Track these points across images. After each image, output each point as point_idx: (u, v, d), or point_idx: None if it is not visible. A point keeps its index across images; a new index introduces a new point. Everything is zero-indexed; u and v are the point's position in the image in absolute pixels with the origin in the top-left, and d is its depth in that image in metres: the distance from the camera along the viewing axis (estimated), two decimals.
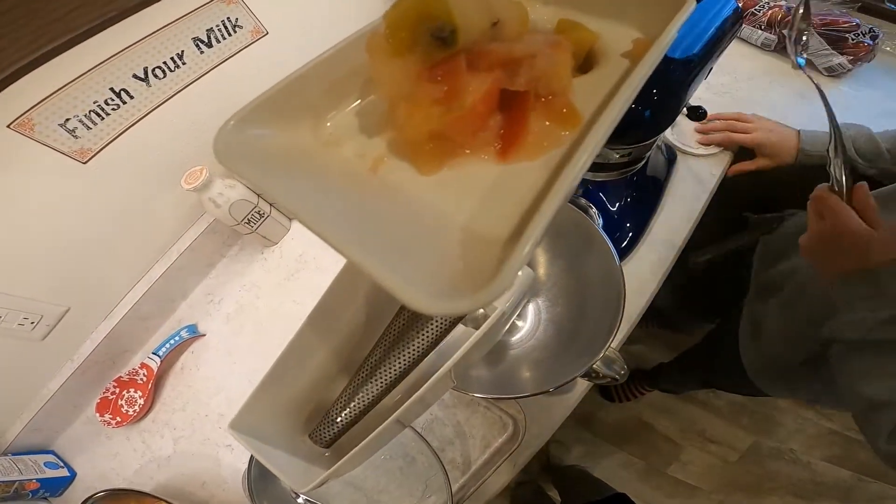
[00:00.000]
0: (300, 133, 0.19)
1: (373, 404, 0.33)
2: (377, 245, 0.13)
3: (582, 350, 0.48)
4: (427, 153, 0.17)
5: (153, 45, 0.58)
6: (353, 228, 0.14)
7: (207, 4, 0.60)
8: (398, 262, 0.13)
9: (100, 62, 0.54)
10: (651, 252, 0.69)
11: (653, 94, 0.42)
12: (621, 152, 0.47)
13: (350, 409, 0.32)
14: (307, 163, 0.18)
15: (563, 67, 0.17)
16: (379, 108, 0.20)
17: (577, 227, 0.54)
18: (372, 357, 0.33)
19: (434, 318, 0.32)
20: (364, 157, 0.18)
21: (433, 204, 0.16)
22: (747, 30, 0.93)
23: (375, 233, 0.15)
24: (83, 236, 0.63)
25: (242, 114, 0.17)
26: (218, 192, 0.65)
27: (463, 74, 0.16)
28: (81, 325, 0.67)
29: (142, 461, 0.66)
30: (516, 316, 0.62)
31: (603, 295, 0.52)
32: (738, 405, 1.37)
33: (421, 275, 0.12)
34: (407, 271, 0.12)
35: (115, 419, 0.66)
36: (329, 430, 0.32)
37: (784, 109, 0.84)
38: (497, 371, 0.56)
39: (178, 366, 0.72)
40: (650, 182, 0.71)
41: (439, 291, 0.11)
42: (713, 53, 0.46)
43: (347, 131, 0.20)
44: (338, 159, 0.18)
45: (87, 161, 0.59)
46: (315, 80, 0.20)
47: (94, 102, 0.56)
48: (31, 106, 0.51)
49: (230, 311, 0.76)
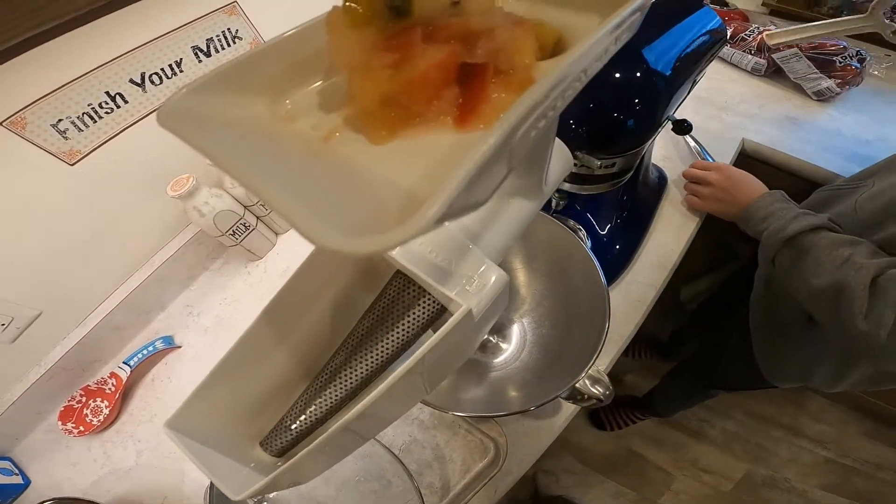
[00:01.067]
0: (256, 108, 0.18)
1: (332, 412, 0.31)
2: (301, 192, 0.13)
3: (566, 371, 0.47)
4: (378, 121, 0.16)
5: (152, 52, 0.59)
6: (281, 179, 0.13)
7: (210, 14, 0.61)
8: (315, 205, 0.12)
9: (99, 65, 0.55)
10: (641, 276, 0.68)
11: (635, 103, 0.42)
12: (605, 162, 0.48)
13: (307, 416, 0.30)
14: (256, 132, 0.17)
15: (525, 42, 0.17)
16: (341, 90, 0.20)
17: (564, 247, 0.54)
18: (333, 361, 0.32)
19: (401, 320, 0.31)
20: (318, 129, 0.18)
21: (380, 171, 0.15)
22: (738, 54, 0.95)
23: (306, 185, 0.14)
24: (62, 239, 0.62)
25: (196, 84, 0.17)
26: (203, 201, 0.65)
27: (417, 44, 0.16)
28: (53, 331, 0.65)
29: (101, 472, 0.63)
30: (497, 334, 0.61)
31: (588, 315, 0.51)
32: (730, 433, 1.34)
33: (335, 215, 0.12)
34: (321, 211, 0.11)
35: (77, 428, 0.63)
36: (282, 438, 0.30)
37: (774, 133, 0.85)
38: (480, 392, 0.54)
39: (149, 377, 0.70)
40: (641, 204, 0.71)
41: (347, 229, 0.10)
42: (696, 67, 0.47)
43: (306, 109, 0.19)
44: (290, 130, 0.18)
45: (74, 163, 0.59)
46: (276, 57, 0.19)
47: (88, 105, 0.57)
48: (26, 104, 0.52)
49: (209, 324, 0.74)
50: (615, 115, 0.43)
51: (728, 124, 0.87)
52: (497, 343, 0.61)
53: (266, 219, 0.79)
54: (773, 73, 0.93)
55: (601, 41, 0.16)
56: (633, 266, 0.69)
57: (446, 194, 0.10)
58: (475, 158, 0.11)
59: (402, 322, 0.31)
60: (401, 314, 0.30)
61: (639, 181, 0.67)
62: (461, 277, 0.27)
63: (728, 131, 0.86)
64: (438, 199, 0.10)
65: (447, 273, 0.26)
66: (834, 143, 0.82)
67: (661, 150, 0.83)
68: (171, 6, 0.58)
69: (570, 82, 0.15)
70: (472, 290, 0.26)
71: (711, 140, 0.83)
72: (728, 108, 0.91)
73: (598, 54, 0.17)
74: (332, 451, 0.28)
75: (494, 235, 0.30)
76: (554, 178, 0.33)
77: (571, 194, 0.62)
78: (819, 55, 0.84)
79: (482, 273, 0.27)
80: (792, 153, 0.81)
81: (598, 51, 0.16)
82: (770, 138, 0.84)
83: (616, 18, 0.16)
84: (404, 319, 0.30)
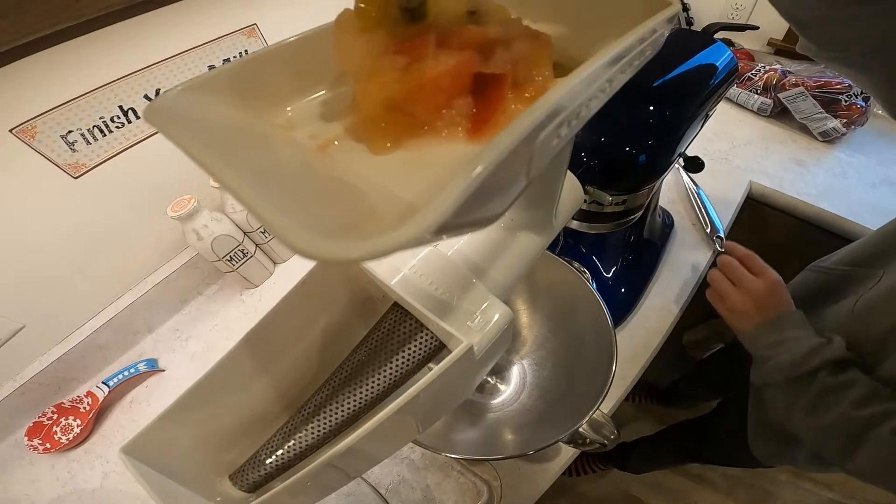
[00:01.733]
0: (253, 113, 0.17)
1: (312, 448, 0.28)
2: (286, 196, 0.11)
3: (568, 414, 0.44)
4: (381, 128, 0.15)
5: (170, 69, 0.59)
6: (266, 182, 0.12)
7: (230, 35, 0.63)
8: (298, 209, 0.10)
9: (116, 78, 0.56)
10: (646, 320, 0.66)
11: (648, 137, 0.42)
12: (615, 199, 0.46)
13: (284, 451, 0.27)
14: (249, 137, 0.16)
15: (543, 55, 0.16)
16: (344, 100, 0.19)
17: (569, 288, 0.53)
18: (318, 395, 0.29)
19: (396, 355, 0.29)
20: (316, 138, 0.16)
21: (379, 182, 0.14)
22: (744, 94, 0.96)
23: (292, 191, 0.12)
24: (56, 254, 0.61)
25: (193, 83, 0.15)
26: (202, 224, 0.64)
27: (430, 48, 0.15)
28: (33, 346, 0.63)
29: (62, 491, 0.59)
30: (496, 375, 0.58)
31: (593, 358, 0.49)
32: (733, 478, 1.27)
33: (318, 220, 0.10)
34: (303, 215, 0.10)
35: (43, 445, 0.59)
36: (254, 473, 0.27)
37: (780, 176, 0.85)
38: (475, 433, 0.52)
39: (127, 398, 0.67)
40: (647, 247, 0.70)
41: (329, 233, 0.09)
42: (709, 101, 0.47)
43: (306, 118, 0.18)
44: (286, 138, 0.17)
45: (78, 176, 0.58)
46: (279, 62, 0.19)
47: (100, 118, 0.57)
48: (38, 113, 0.52)
49: (196, 349, 0.71)
50: (628, 150, 0.42)
51: (735, 167, 0.87)
52: (495, 384, 0.58)
53: (265, 247, 0.77)
54: (778, 113, 0.94)
55: (631, 48, 0.15)
56: (638, 310, 0.67)
57: (454, 195, 0.08)
58: (493, 154, 0.09)
59: (396, 357, 0.28)
60: (395, 349, 0.28)
61: (646, 223, 0.66)
62: (463, 313, 0.25)
63: (735, 174, 0.86)
64: (444, 199, 0.08)
65: (448, 307, 0.25)
66: (840, 187, 0.82)
67: (666, 193, 0.83)
68: (194, 24, 0.59)
69: (595, 90, 0.14)
70: (475, 326, 0.24)
71: (718, 183, 0.83)
72: (735, 150, 0.91)
73: (625, 65, 0.16)
74: (314, 488, 0.25)
75: (500, 271, 0.28)
76: (564, 213, 0.32)
77: (578, 234, 0.61)
78: (825, 94, 0.84)
79: (485, 309, 0.25)
80: (798, 196, 0.81)
81: (625, 60, 0.15)
82: (776, 181, 0.84)
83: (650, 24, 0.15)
84: (399, 355, 0.28)
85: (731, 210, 0.79)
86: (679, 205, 0.81)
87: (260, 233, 0.73)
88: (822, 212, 0.79)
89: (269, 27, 0.66)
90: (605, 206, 0.47)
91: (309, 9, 0.68)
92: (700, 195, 0.78)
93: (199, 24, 0.59)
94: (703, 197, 0.78)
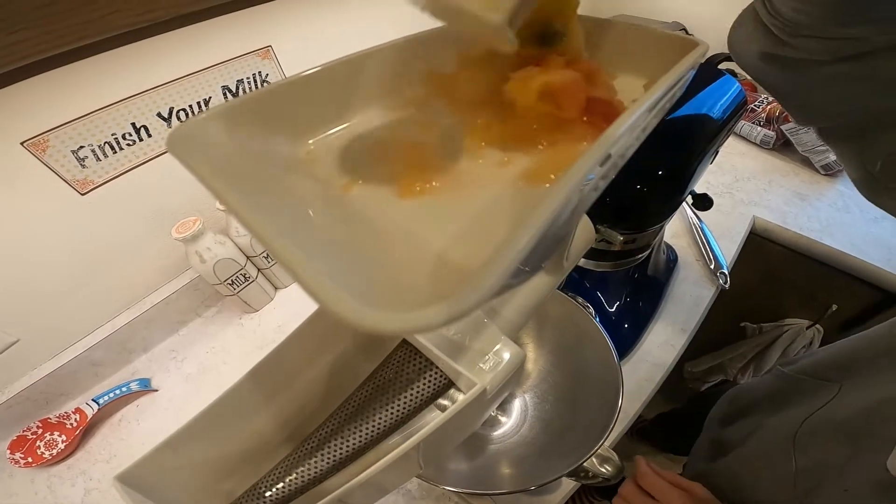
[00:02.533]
0: (274, 145, 0.17)
1: (313, 483, 0.27)
2: (314, 246, 0.11)
3: (571, 448, 0.44)
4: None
5: (184, 87, 0.60)
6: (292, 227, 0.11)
7: (245, 56, 0.63)
8: (330, 263, 0.10)
9: (131, 95, 0.56)
10: (649, 355, 0.65)
11: (659, 174, 0.41)
12: (626, 237, 0.46)
13: (285, 485, 0.26)
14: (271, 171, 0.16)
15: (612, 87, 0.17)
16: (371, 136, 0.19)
17: (573, 323, 0.53)
18: (323, 429, 0.28)
19: (403, 392, 0.28)
20: (340, 176, 0.16)
21: (405, 227, 0.14)
22: (746, 126, 0.95)
23: (319, 238, 0.12)
24: (57, 269, 0.60)
25: (217, 110, 0.15)
26: (206, 247, 0.63)
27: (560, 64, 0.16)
28: (26, 360, 0.62)
29: None
30: (497, 404, 0.57)
31: (598, 392, 0.48)
32: None
33: (354, 279, 0.10)
34: (337, 271, 0.09)
35: (25, 459, 0.58)
36: None
37: (783, 210, 0.85)
38: (474, 465, 0.51)
39: (117, 416, 0.65)
40: (651, 283, 0.69)
41: (369, 299, 0.08)
42: (719, 135, 0.46)
43: (328, 153, 0.18)
44: (308, 172, 0.16)
45: (85, 193, 0.58)
46: (304, 93, 0.18)
47: (112, 134, 0.57)
48: (51, 127, 0.52)
49: (191, 371, 0.70)
50: (639, 188, 0.42)
51: (738, 201, 0.88)
52: (496, 416, 0.57)
53: (267, 272, 0.77)
54: (781, 145, 0.94)
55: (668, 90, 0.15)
56: (641, 345, 0.66)
57: (510, 258, 0.08)
58: (549, 208, 0.09)
59: (403, 395, 0.28)
60: (403, 386, 0.28)
61: (650, 260, 0.66)
62: (475, 353, 0.24)
63: (738, 208, 0.86)
64: (499, 264, 0.08)
65: (461, 348, 0.24)
66: (843, 221, 0.82)
67: (670, 228, 0.83)
68: (209, 44, 0.60)
69: (637, 132, 0.14)
70: (487, 367, 0.24)
71: (722, 218, 0.83)
72: (738, 184, 0.91)
73: (659, 110, 0.16)
74: None
75: (512, 310, 0.28)
76: (576, 253, 0.32)
77: (583, 269, 0.61)
78: None
79: (498, 350, 0.25)
80: (801, 231, 0.81)
81: (660, 104, 0.16)
82: (779, 216, 0.84)
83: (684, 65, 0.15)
84: (406, 393, 0.28)
85: (735, 245, 0.80)
86: (682, 239, 0.81)
87: (263, 257, 0.73)
88: (826, 248, 0.79)
89: (284, 49, 0.67)
90: (614, 244, 0.46)
91: (324, 32, 0.69)
92: (703, 230, 0.79)
93: (214, 44, 0.60)
94: (706, 232, 0.78)
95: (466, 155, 0.16)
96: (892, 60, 0.24)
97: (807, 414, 0.46)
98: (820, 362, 0.52)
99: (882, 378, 0.41)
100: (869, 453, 0.37)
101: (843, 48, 0.24)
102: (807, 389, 0.50)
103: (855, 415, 0.40)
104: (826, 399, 0.45)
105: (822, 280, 0.84)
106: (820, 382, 0.49)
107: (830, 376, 0.48)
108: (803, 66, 0.26)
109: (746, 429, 0.55)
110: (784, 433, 0.47)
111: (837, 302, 0.88)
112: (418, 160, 0.16)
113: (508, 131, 0.16)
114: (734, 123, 0.48)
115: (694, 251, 0.78)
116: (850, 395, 0.44)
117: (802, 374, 0.53)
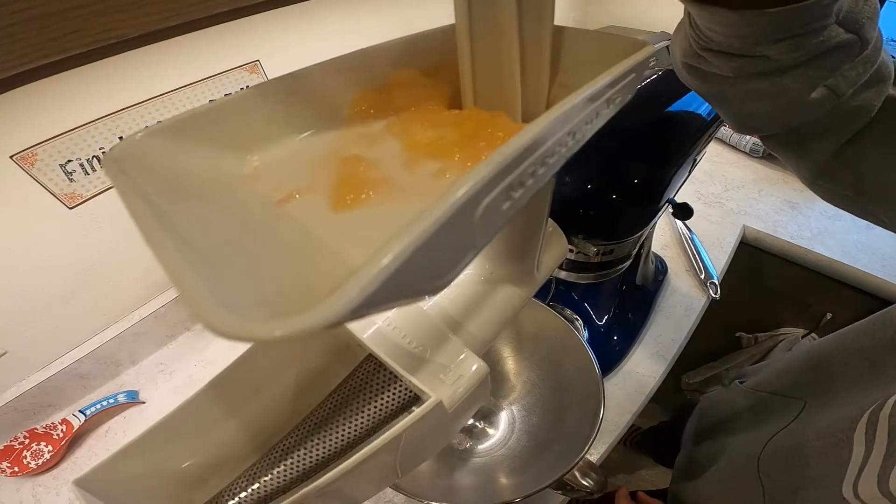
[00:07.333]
0: (219, 163, 0.17)
1: (277, 493, 0.27)
2: (215, 261, 0.11)
3: (556, 460, 0.43)
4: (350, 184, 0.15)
5: (172, 101, 0.60)
6: (197, 244, 0.11)
7: (232, 70, 0.64)
8: (222, 277, 0.10)
9: (120, 108, 0.57)
10: (640, 366, 0.65)
11: (634, 184, 0.41)
12: (602, 248, 0.46)
13: (248, 494, 0.26)
14: (204, 189, 0.15)
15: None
16: (317, 149, 0.19)
17: (558, 336, 0.53)
18: (287, 440, 0.28)
19: (369, 405, 0.28)
20: (279, 190, 0.16)
21: (330, 242, 0.14)
22: (735, 135, 0.95)
23: (227, 253, 0.12)
24: (45, 283, 0.60)
25: (158, 127, 0.15)
26: None
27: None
28: (13, 371, 0.62)
29: None
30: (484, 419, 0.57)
31: (581, 405, 0.48)
32: None
33: (245, 292, 0.10)
34: (227, 285, 0.09)
35: (11, 468, 0.58)
36: None
37: (774, 219, 0.84)
38: (461, 478, 0.50)
39: (103, 428, 0.65)
40: (640, 294, 0.69)
41: (239, 308, 0.08)
42: (697, 145, 0.45)
43: (273, 168, 0.18)
44: (247, 189, 0.16)
45: (73, 207, 0.58)
46: (250, 108, 0.18)
47: (99, 148, 0.58)
48: (40, 140, 0.52)
49: (179, 383, 0.70)
50: (613, 197, 0.41)
51: (728, 210, 0.87)
52: (483, 428, 0.57)
53: None
54: (770, 154, 0.94)
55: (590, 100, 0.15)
56: (631, 356, 0.66)
57: (365, 281, 0.08)
58: (412, 234, 0.09)
59: (369, 407, 0.28)
60: (369, 399, 0.27)
61: (638, 270, 0.66)
62: (436, 367, 0.24)
63: (728, 217, 0.86)
64: (356, 284, 0.08)
65: (421, 361, 0.24)
66: (834, 229, 0.81)
67: (660, 238, 0.83)
68: (198, 58, 0.60)
69: (553, 146, 0.13)
70: (448, 380, 0.24)
71: (712, 228, 0.83)
72: (728, 193, 0.91)
73: (587, 116, 0.15)
74: None
75: (478, 324, 0.28)
76: (547, 265, 0.32)
77: (568, 283, 0.60)
78: None
79: (460, 363, 0.24)
80: (792, 240, 0.80)
81: (584, 113, 0.15)
82: (770, 225, 0.83)
83: (607, 78, 0.15)
84: (372, 404, 0.27)
85: (726, 255, 0.79)
86: (672, 250, 0.81)
87: None
88: (817, 256, 0.78)
89: (272, 64, 0.68)
90: (591, 256, 0.46)
91: (312, 46, 0.70)
92: (693, 240, 0.78)
93: (202, 59, 0.61)
94: (696, 242, 0.78)
95: (403, 167, 0.16)
96: (798, 80, 0.23)
97: (770, 434, 0.45)
98: (784, 372, 0.51)
99: (850, 390, 0.40)
100: (824, 479, 0.36)
101: (748, 66, 0.24)
102: (772, 407, 0.49)
103: (814, 436, 0.39)
104: (789, 419, 0.44)
105: (814, 288, 0.84)
106: (784, 399, 0.47)
107: (794, 392, 0.47)
108: (718, 80, 0.26)
109: (715, 448, 0.55)
110: (749, 453, 0.46)
111: (831, 310, 0.87)
112: (353, 173, 0.16)
113: (444, 142, 0.17)
114: (714, 130, 0.48)
115: (684, 262, 0.78)
116: (812, 412, 0.43)
117: (765, 392, 0.52)
